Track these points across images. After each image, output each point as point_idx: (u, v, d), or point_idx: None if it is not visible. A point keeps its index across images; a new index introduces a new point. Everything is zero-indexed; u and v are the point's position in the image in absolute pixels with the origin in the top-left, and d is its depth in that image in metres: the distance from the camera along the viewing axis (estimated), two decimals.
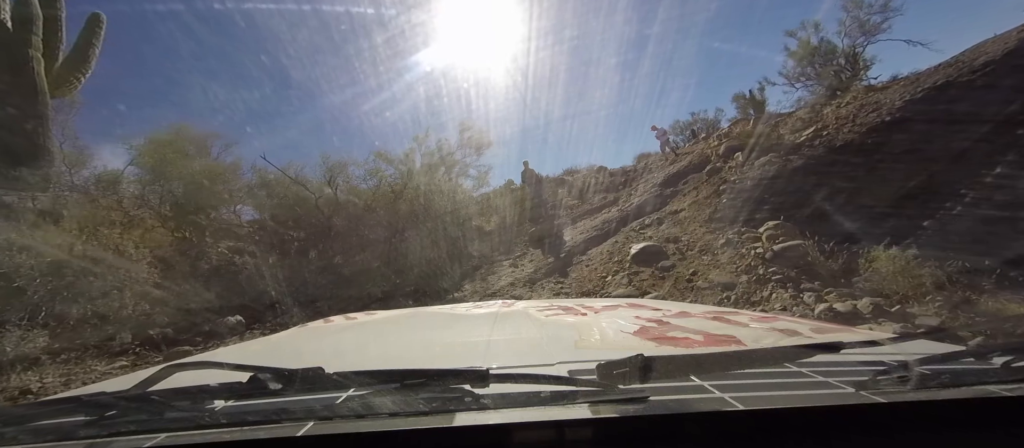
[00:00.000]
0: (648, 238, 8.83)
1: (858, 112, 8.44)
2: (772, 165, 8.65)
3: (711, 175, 10.29)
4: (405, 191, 11.47)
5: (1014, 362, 0.61)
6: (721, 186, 9.27)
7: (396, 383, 0.60)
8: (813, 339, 0.95)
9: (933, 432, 0.52)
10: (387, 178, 11.78)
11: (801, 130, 9.24)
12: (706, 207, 9.03)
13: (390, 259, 10.15)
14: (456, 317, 1.71)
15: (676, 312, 1.38)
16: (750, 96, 13.89)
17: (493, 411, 0.54)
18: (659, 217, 9.77)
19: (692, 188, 10.52)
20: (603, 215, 11.85)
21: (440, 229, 10.97)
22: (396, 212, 11.18)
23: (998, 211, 5.79)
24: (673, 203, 10.39)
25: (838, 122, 8.57)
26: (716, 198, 8.98)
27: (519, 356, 0.94)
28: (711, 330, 1.06)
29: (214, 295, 7.51)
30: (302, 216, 11.03)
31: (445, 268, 9.82)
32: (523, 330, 1.28)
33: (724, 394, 0.57)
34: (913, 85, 8.09)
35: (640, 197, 11.65)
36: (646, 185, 12.33)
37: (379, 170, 11.84)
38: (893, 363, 0.63)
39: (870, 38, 11.68)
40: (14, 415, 0.59)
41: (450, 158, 12.79)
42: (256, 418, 0.53)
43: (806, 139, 8.67)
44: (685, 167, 11.84)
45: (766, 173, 8.55)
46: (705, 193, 9.62)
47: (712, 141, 12.50)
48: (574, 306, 1.65)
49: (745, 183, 8.67)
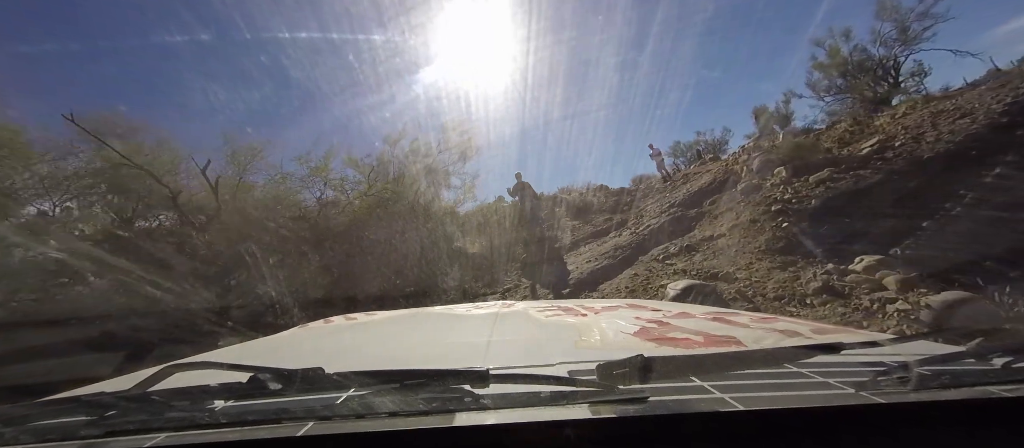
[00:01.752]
0: (682, 272, 7.11)
1: (934, 120, 7.60)
2: (838, 182, 7.40)
3: (748, 194, 8.80)
4: (364, 201, 9.94)
5: (1014, 363, 0.61)
6: (771, 207, 7.64)
7: (396, 383, 0.60)
8: (813, 340, 0.95)
9: (933, 432, 0.52)
10: (338, 184, 10.18)
11: (856, 142, 8.39)
12: (757, 233, 7.27)
13: (332, 289, 7.96)
14: (456, 317, 1.71)
15: (676, 313, 1.38)
16: (774, 109, 13.18)
17: (493, 411, 0.54)
18: (688, 244, 8.11)
19: (725, 209, 8.92)
20: (612, 239, 10.21)
21: (407, 252, 9.17)
22: (344, 228, 9.40)
23: None
24: (703, 227, 8.79)
25: (908, 132, 7.72)
26: (770, 222, 7.30)
27: (519, 356, 0.94)
28: (711, 331, 1.06)
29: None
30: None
31: (407, 307, 8.25)
32: (523, 330, 1.28)
33: (724, 395, 0.57)
34: (1009, 88, 7.25)
35: (655, 219, 10.10)
36: (659, 205, 11.02)
37: (324, 168, 9.99)
38: (893, 364, 0.63)
39: (911, 47, 10.95)
40: (14, 415, 0.59)
41: (428, 163, 11.16)
42: (256, 418, 0.54)
43: (871, 151, 7.70)
44: (708, 185, 10.40)
45: (832, 191, 7.24)
46: (748, 215, 7.94)
47: (737, 156, 11.34)
48: (574, 307, 1.66)
49: (808, 203, 7.28)
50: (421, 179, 11.11)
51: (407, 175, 11.00)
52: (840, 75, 11.99)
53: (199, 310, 6.57)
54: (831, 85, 12.33)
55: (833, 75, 12.11)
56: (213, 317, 6.53)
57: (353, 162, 10.75)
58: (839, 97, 12.24)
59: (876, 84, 11.36)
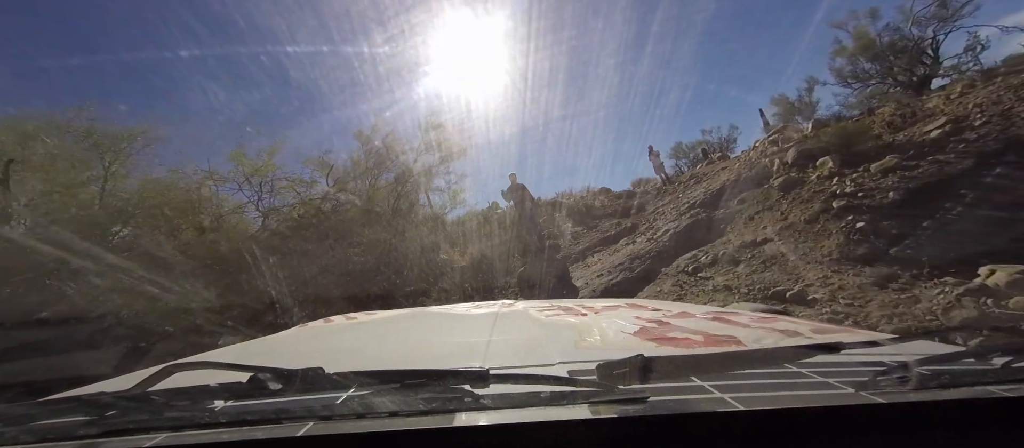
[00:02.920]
0: (727, 289, 5.79)
1: (1020, 94, 6.62)
2: (914, 170, 6.23)
3: (789, 189, 7.65)
4: (332, 206, 8.82)
5: (1014, 362, 0.61)
6: (831, 203, 6.42)
7: (396, 383, 0.60)
8: (813, 339, 0.95)
9: (933, 432, 0.52)
10: (288, 186, 8.83)
11: (912, 127, 7.37)
12: (820, 236, 5.97)
13: (281, 301, 6.78)
14: (456, 317, 1.71)
15: (676, 313, 1.38)
16: (796, 99, 12.24)
17: (493, 411, 0.54)
18: (724, 252, 6.78)
19: (760, 208, 7.69)
20: (626, 247, 9.02)
21: (375, 266, 8.06)
22: (310, 235, 8.19)
23: None
24: (738, 229, 7.53)
25: (984, 110, 6.68)
26: (835, 221, 6.03)
27: (519, 356, 0.94)
28: (711, 331, 1.06)
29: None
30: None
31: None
32: (523, 330, 1.28)
33: (724, 394, 0.57)
34: None
35: (672, 223, 8.91)
36: (675, 207, 9.80)
37: (264, 168, 8.49)
38: (893, 363, 0.63)
39: (950, 24, 9.85)
40: (14, 415, 0.59)
41: (407, 165, 9.83)
42: (256, 418, 0.54)
43: (942, 134, 6.66)
44: (730, 182, 9.15)
45: (911, 181, 6.05)
46: (801, 214, 6.69)
47: (761, 149, 10.24)
48: (574, 306, 1.66)
49: (882, 197, 6.02)
50: (405, 182, 9.92)
51: (382, 178, 9.75)
52: (869, 59, 11.01)
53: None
54: (857, 70, 11.31)
55: (859, 60, 11.15)
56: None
57: (320, 162, 9.24)
58: (867, 83, 11.24)
59: (913, 66, 10.41)
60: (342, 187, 9.47)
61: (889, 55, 10.75)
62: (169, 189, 8.23)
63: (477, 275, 8.75)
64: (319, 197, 9.28)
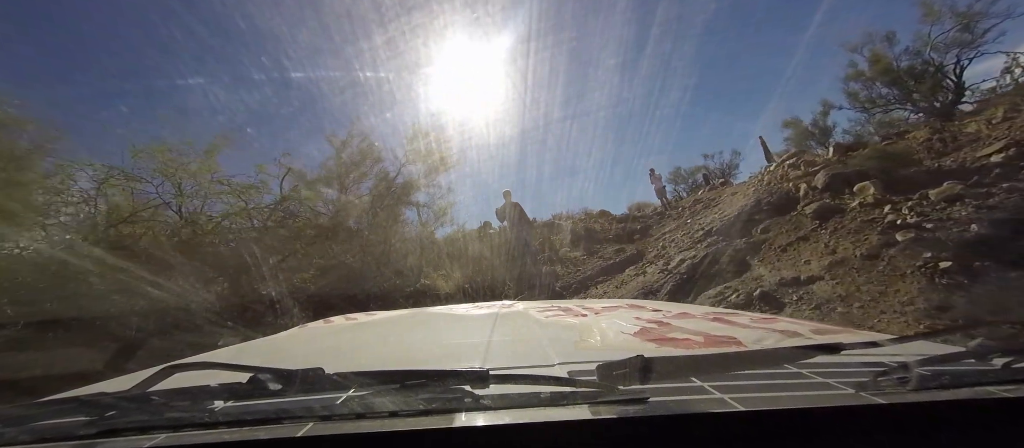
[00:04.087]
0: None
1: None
2: (990, 199, 5.40)
3: (826, 217, 6.71)
4: (282, 217, 7.75)
5: (1014, 363, 0.61)
6: (894, 236, 5.40)
7: (396, 384, 0.60)
8: (813, 340, 0.95)
9: (933, 432, 0.52)
10: (246, 191, 7.49)
11: (957, 151, 6.96)
12: (886, 278, 4.84)
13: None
14: (456, 318, 1.71)
15: (676, 313, 1.38)
16: (810, 123, 11.79)
17: (493, 412, 0.54)
18: (759, 289, 5.69)
19: (793, 237, 6.74)
20: (635, 278, 8.09)
21: (348, 286, 7.37)
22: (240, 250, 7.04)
23: None
24: (768, 261, 6.54)
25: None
26: (910, 260, 4.87)
27: (519, 357, 0.94)
28: (711, 331, 1.06)
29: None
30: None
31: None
32: (523, 331, 1.28)
33: (724, 395, 0.57)
34: None
35: (687, 251, 8.03)
36: (688, 234, 8.93)
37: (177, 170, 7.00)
38: (893, 364, 0.63)
39: (973, 48, 9.67)
40: (14, 415, 0.59)
41: (386, 176, 8.69)
42: (256, 418, 0.54)
43: (1007, 159, 6.16)
44: (748, 208, 8.40)
45: (988, 213, 5.15)
46: (853, 247, 5.65)
47: (780, 172, 9.34)
48: (574, 307, 1.66)
49: (959, 232, 5.04)
50: (385, 195, 8.80)
51: (355, 190, 8.69)
52: (886, 83, 10.81)
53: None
54: (873, 95, 11.11)
55: (875, 84, 10.99)
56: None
57: (282, 166, 7.76)
58: (886, 108, 11.09)
59: (935, 91, 10.29)
60: (296, 197, 8.19)
61: (908, 80, 10.55)
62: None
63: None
64: (269, 206, 7.98)
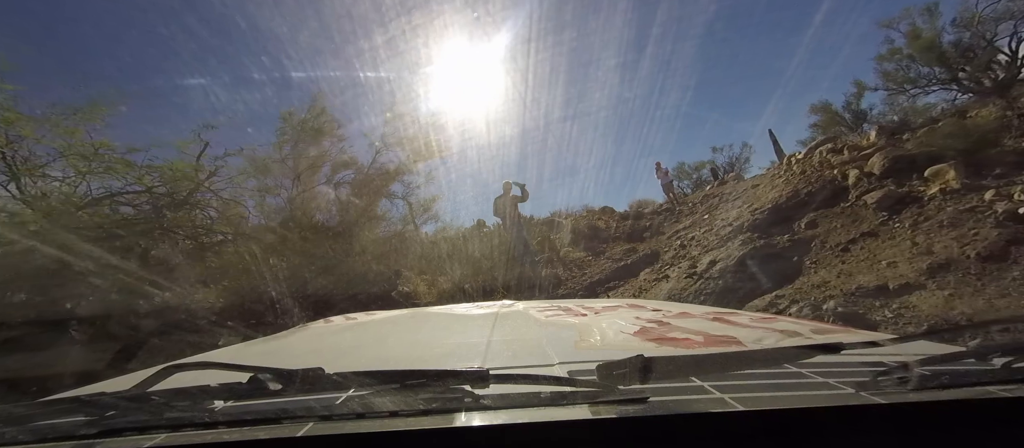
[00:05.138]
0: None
1: None
2: None
3: (897, 207, 5.70)
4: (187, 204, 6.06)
5: (1014, 363, 0.60)
6: (1018, 228, 4.46)
7: (396, 383, 0.60)
8: (813, 340, 0.95)
9: (933, 433, 0.52)
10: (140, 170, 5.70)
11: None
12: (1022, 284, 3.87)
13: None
14: (456, 317, 1.71)
15: (676, 313, 1.38)
16: (842, 106, 10.97)
17: (493, 412, 0.54)
18: (833, 302, 4.51)
19: (857, 233, 5.70)
20: (658, 284, 7.11)
21: (289, 289, 6.13)
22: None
23: None
24: (832, 263, 5.42)
25: None
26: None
27: (519, 357, 0.94)
28: (711, 331, 1.06)
29: None
30: None
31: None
32: (523, 331, 1.28)
33: (724, 395, 0.56)
34: None
35: (717, 251, 6.85)
36: (713, 232, 7.83)
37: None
38: (893, 364, 0.63)
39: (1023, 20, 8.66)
40: (14, 415, 0.59)
41: (353, 162, 7.53)
42: (256, 418, 0.54)
43: None
44: (785, 199, 7.38)
45: None
46: (958, 245, 4.58)
47: (822, 157, 8.31)
48: (574, 307, 1.66)
49: None
50: (359, 183, 7.52)
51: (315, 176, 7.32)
52: (928, 62, 9.79)
53: None
54: (912, 75, 10.13)
55: (914, 63, 10.04)
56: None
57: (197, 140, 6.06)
58: (926, 89, 10.18)
59: (987, 67, 9.41)
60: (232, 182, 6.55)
61: (954, 57, 9.47)
62: None
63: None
64: (185, 191, 6.41)
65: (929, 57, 9.82)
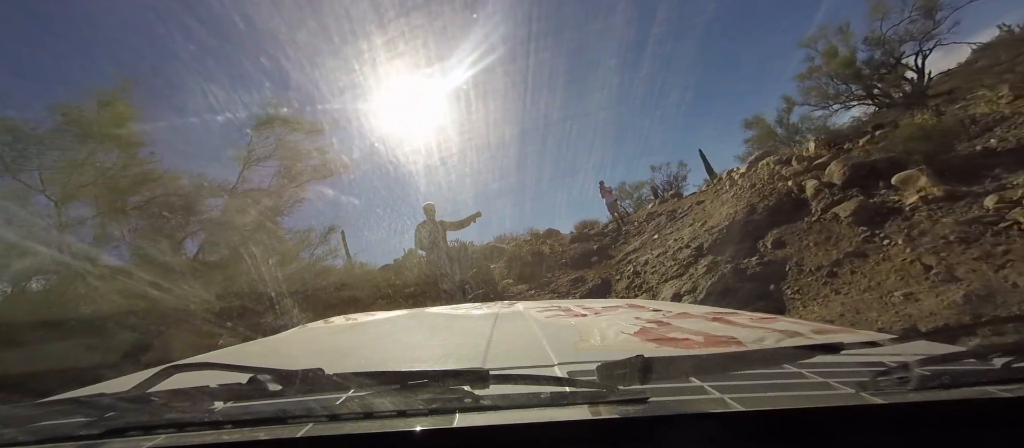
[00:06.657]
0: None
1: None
2: None
3: (877, 221, 5.19)
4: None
5: (1014, 363, 0.60)
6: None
7: (396, 384, 0.60)
8: (813, 340, 0.95)
9: (933, 433, 0.52)
10: None
11: (995, 131, 6.20)
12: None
13: None
14: (456, 318, 1.71)
15: (676, 313, 1.38)
16: (775, 120, 11.38)
17: (493, 412, 0.54)
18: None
19: (843, 253, 5.00)
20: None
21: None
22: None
23: None
24: (826, 298, 4.57)
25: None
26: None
27: (519, 357, 0.94)
28: (711, 331, 1.06)
29: None
30: None
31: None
32: (523, 331, 1.28)
33: (724, 395, 0.56)
34: None
35: (678, 281, 6.18)
36: (670, 256, 7.15)
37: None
38: (893, 364, 0.63)
39: (926, 40, 9.83)
40: (14, 415, 0.59)
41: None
42: (256, 419, 0.54)
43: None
44: (742, 214, 6.86)
45: None
46: (990, 268, 3.81)
47: (770, 169, 8.06)
48: (574, 307, 1.66)
49: None
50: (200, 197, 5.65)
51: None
52: (844, 79, 10.92)
53: None
54: (832, 91, 11.20)
55: (832, 81, 11.11)
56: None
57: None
58: (846, 104, 11.14)
59: (898, 83, 10.55)
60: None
61: (867, 73, 10.79)
62: None
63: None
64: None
65: (847, 74, 10.79)
